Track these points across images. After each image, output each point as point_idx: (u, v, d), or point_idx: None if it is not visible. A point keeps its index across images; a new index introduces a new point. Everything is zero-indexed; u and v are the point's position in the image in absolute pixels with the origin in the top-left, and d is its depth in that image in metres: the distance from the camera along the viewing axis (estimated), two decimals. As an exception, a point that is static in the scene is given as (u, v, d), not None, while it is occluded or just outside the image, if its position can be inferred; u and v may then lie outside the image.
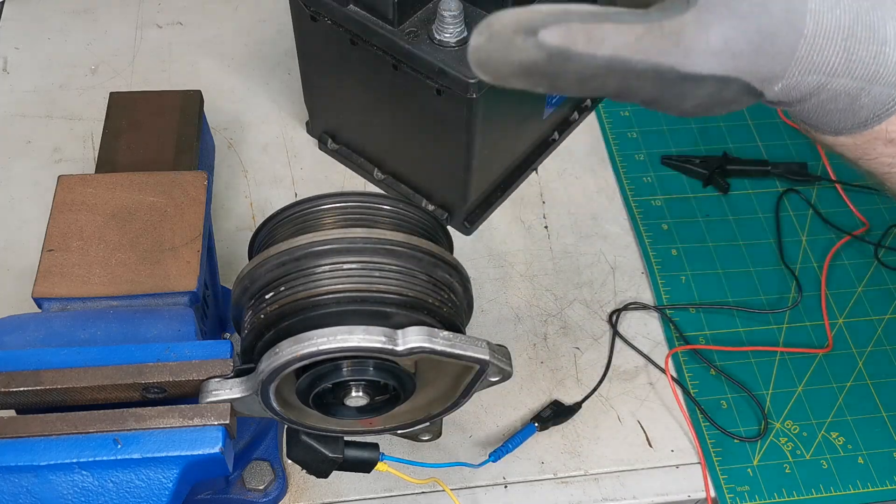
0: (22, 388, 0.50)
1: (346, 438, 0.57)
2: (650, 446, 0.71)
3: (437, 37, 0.68)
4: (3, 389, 0.50)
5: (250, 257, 0.57)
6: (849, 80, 0.40)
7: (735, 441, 0.71)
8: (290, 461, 0.61)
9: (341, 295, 0.48)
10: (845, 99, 0.41)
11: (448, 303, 0.51)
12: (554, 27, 0.34)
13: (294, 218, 0.54)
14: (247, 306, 0.52)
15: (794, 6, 0.37)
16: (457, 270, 0.52)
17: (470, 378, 0.52)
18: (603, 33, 0.34)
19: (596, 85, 0.36)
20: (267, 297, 0.50)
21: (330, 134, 0.86)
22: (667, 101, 0.38)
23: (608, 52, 0.35)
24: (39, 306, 0.57)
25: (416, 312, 0.49)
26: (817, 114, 0.42)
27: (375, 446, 0.58)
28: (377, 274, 0.49)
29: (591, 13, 0.35)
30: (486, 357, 0.50)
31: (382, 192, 0.79)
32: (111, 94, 0.72)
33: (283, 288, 0.49)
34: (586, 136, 0.91)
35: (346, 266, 0.49)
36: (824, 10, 0.38)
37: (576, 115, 0.90)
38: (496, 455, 0.68)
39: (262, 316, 0.50)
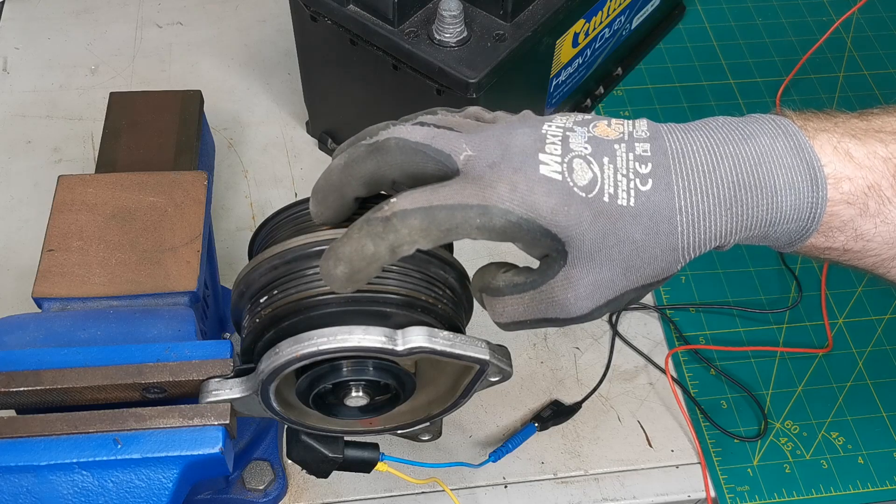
0: (22, 388, 0.50)
1: (346, 438, 0.57)
2: (650, 446, 0.71)
3: (437, 37, 0.68)
4: (3, 389, 0.49)
5: (250, 258, 0.57)
6: (746, 233, 0.43)
7: (735, 441, 0.71)
8: (290, 461, 0.61)
9: (336, 295, 0.48)
10: (756, 239, 0.45)
11: (447, 302, 0.51)
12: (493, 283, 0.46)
13: (293, 218, 0.54)
14: (245, 309, 0.52)
15: (659, 218, 0.42)
16: (454, 269, 0.52)
17: (470, 378, 0.52)
18: (501, 307, 0.46)
19: (515, 329, 0.47)
20: (262, 300, 0.50)
21: (330, 134, 0.86)
22: (568, 325, 0.45)
23: (508, 319, 0.46)
24: (39, 306, 0.57)
25: (416, 312, 0.49)
26: (739, 243, 0.45)
27: (375, 446, 0.58)
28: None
29: (497, 289, 0.46)
30: (486, 357, 0.50)
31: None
32: (111, 94, 0.72)
33: (277, 291, 0.49)
34: (586, 136, 0.90)
35: None
36: (699, 196, 0.42)
37: (576, 115, 0.90)
38: (496, 455, 0.68)
39: (258, 320, 0.50)
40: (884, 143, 0.45)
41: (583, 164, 0.42)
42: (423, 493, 0.67)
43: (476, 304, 0.51)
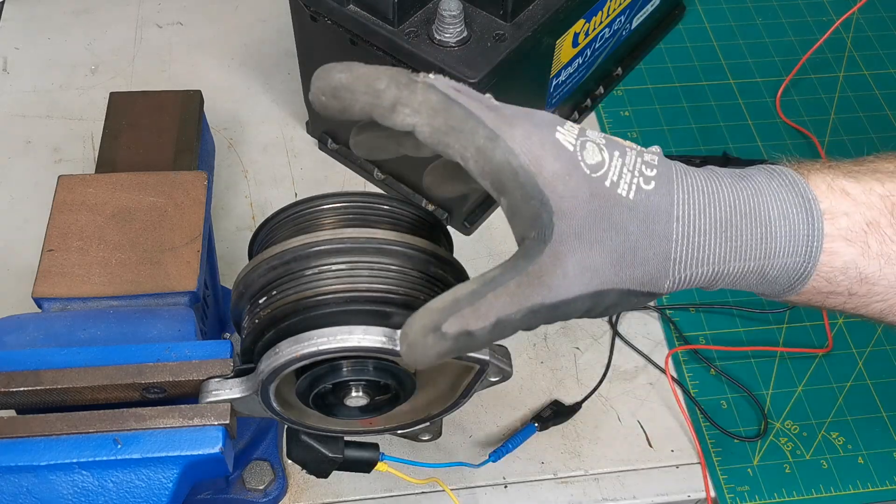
0: (22, 388, 0.50)
1: (346, 438, 0.57)
2: (650, 446, 0.71)
3: (437, 37, 0.68)
4: (3, 389, 0.49)
5: (250, 258, 0.57)
6: (742, 262, 0.43)
7: (735, 441, 0.71)
8: (290, 461, 0.61)
9: (336, 296, 0.48)
10: (754, 276, 0.44)
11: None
12: (451, 319, 0.40)
13: (293, 218, 0.54)
14: (245, 309, 0.52)
15: (654, 217, 0.41)
16: (454, 268, 0.52)
17: (470, 378, 0.52)
18: (487, 306, 0.41)
19: (497, 337, 0.42)
20: (262, 300, 0.50)
21: (330, 134, 0.86)
22: (553, 320, 0.42)
23: (494, 318, 0.41)
24: (39, 306, 0.57)
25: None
26: (739, 288, 0.45)
27: (375, 446, 0.58)
28: (375, 274, 0.49)
29: (472, 292, 0.41)
30: (486, 357, 0.50)
31: (382, 192, 0.79)
32: (111, 94, 0.72)
33: (275, 292, 0.49)
34: (586, 136, 0.90)
35: (341, 267, 0.49)
36: (696, 211, 0.42)
37: (576, 115, 0.90)
38: (496, 455, 0.68)
39: (257, 321, 0.50)
40: (880, 182, 0.45)
41: (594, 147, 0.42)
42: (423, 493, 0.67)
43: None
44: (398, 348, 0.47)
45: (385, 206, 0.54)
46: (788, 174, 0.44)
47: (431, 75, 0.42)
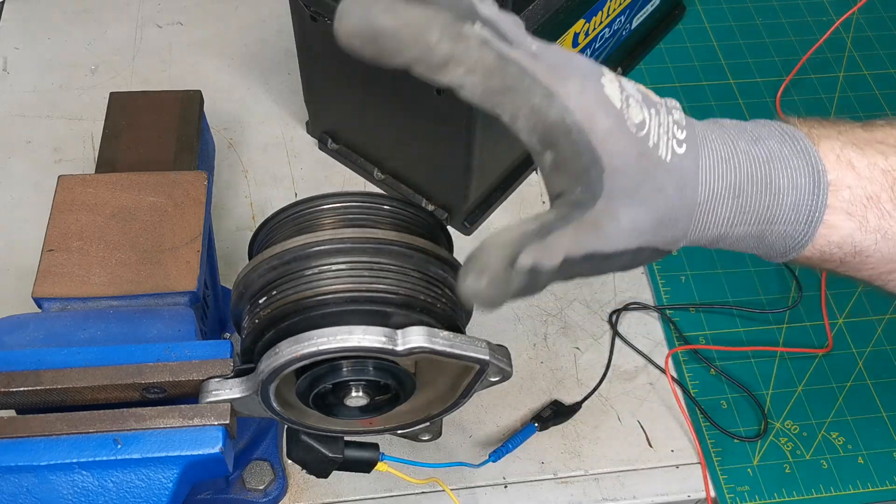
0: (22, 388, 0.50)
1: (346, 438, 0.57)
2: (650, 446, 0.71)
3: (437, 37, 0.68)
4: (3, 389, 0.50)
5: (250, 258, 0.57)
6: (745, 227, 0.44)
7: (735, 441, 0.71)
8: (290, 461, 0.61)
9: (336, 296, 0.48)
10: (752, 240, 0.46)
11: (447, 302, 0.51)
12: (526, 253, 0.39)
13: (293, 218, 0.54)
14: (245, 309, 0.52)
15: (686, 182, 0.42)
16: (454, 268, 0.52)
17: (470, 378, 0.52)
18: (554, 245, 0.40)
19: (558, 277, 0.42)
20: (262, 300, 0.50)
21: (330, 134, 0.86)
22: (605, 270, 0.43)
23: (560, 258, 0.40)
24: (39, 306, 0.57)
25: (416, 312, 0.49)
26: (736, 249, 0.47)
27: (375, 446, 0.58)
28: (375, 274, 0.49)
29: (538, 229, 0.40)
30: (486, 357, 0.50)
31: (382, 192, 0.79)
32: (111, 94, 0.72)
33: (275, 292, 0.49)
34: (586, 136, 0.90)
35: (341, 267, 0.49)
36: (715, 177, 0.43)
37: (576, 115, 0.90)
38: (496, 455, 0.68)
39: (257, 321, 0.50)
40: (884, 156, 0.45)
41: (637, 105, 0.42)
42: (423, 493, 0.67)
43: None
44: (398, 348, 0.47)
45: (385, 206, 0.55)
46: (801, 140, 0.45)
47: (478, 25, 0.38)
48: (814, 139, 0.45)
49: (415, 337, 0.48)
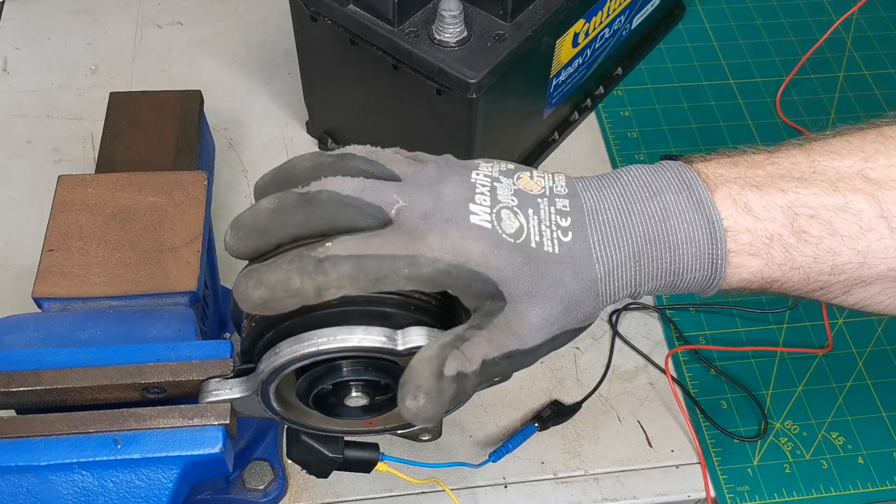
0: (22, 388, 0.50)
1: (346, 438, 0.57)
2: (650, 446, 0.71)
3: (437, 37, 0.68)
4: (3, 389, 0.49)
5: (250, 257, 0.57)
6: (654, 282, 0.46)
7: (735, 441, 0.71)
8: (290, 461, 0.61)
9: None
10: (666, 290, 0.47)
11: (446, 302, 0.51)
12: (448, 362, 0.43)
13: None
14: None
15: (580, 266, 0.44)
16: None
17: (470, 378, 0.52)
18: (471, 349, 0.43)
19: (485, 379, 0.44)
20: None
21: (330, 134, 0.86)
22: (529, 363, 0.46)
23: (480, 360, 0.43)
24: (39, 306, 0.57)
25: (416, 312, 0.49)
26: (654, 294, 0.49)
27: (375, 446, 0.58)
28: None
29: (453, 340, 0.44)
30: (486, 357, 0.50)
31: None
32: (111, 94, 0.72)
33: None
34: (586, 136, 0.91)
35: None
36: (610, 251, 0.45)
37: (576, 115, 0.90)
38: (496, 455, 0.68)
39: (257, 321, 0.50)
40: (783, 192, 0.46)
41: (510, 214, 0.45)
42: (423, 493, 0.67)
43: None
44: (398, 348, 0.47)
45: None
46: (697, 190, 0.46)
47: (328, 243, 0.43)
48: (711, 185, 0.46)
49: (415, 337, 0.48)
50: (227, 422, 0.50)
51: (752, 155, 0.49)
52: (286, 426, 0.56)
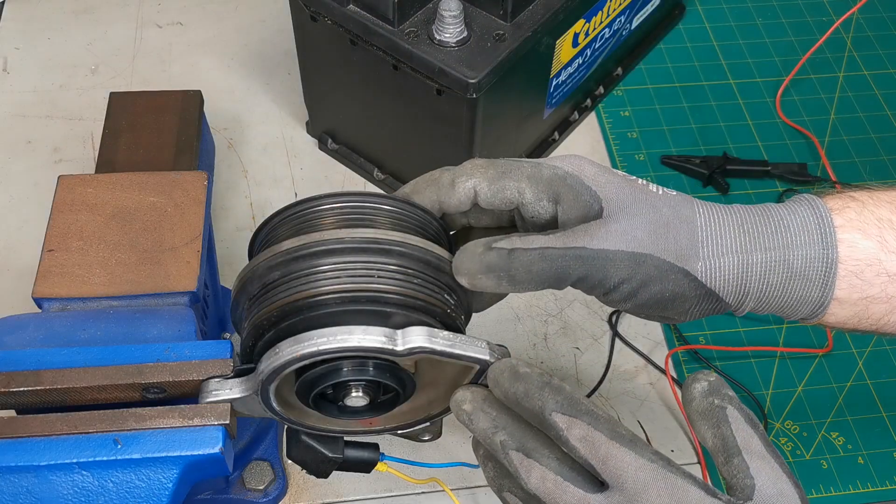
0: (22, 388, 0.50)
1: (346, 438, 0.57)
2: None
3: (437, 37, 0.68)
4: (3, 389, 0.49)
5: (250, 258, 0.57)
6: (765, 252, 0.46)
7: (735, 441, 0.71)
8: (290, 461, 0.61)
9: (336, 296, 0.48)
10: (781, 269, 0.47)
11: (447, 302, 0.51)
12: (502, 240, 0.48)
13: (292, 218, 0.54)
14: (244, 309, 0.52)
15: (681, 203, 0.48)
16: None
17: (470, 378, 0.52)
18: (534, 239, 0.47)
19: (539, 271, 0.47)
20: (262, 300, 0.50)
21: (330, 134, 0.86)
22: (594, 277, 0.47)
23: (538, 246, 0.47)
24: (39, 306, 0.57)
25: (416, 312, 0.49)
26: (776, 296, 0.48)
27: (375, 446, 0.58)
28: (374, 273, 0.49)
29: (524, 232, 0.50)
30: (486, 357, 0.50)
31: (382, 191, 0.79)
32: (111, 94, 0.72)
33: (277, 291, 0.49)
34: (586, 136, 0.91)
35: (340, 267, 0.49)
36: (712, 212, 0.48)
37: (576, 115, 0.90)
38: (496, 455, 0.68)
39: (257, 321, 0.50)
40: (888, 193, 0.48)
41: (625, 173, 0.50)
42: (423, 493, 0.67)
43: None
44: (398, 348, 0.48)
45: (385, 206, 0.54)
46: (813, 203, 0.48)
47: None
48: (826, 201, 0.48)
49: (415, 337, 0.48)
50: (227, 422, 0.50)
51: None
52: (286, 426, 0.56)
